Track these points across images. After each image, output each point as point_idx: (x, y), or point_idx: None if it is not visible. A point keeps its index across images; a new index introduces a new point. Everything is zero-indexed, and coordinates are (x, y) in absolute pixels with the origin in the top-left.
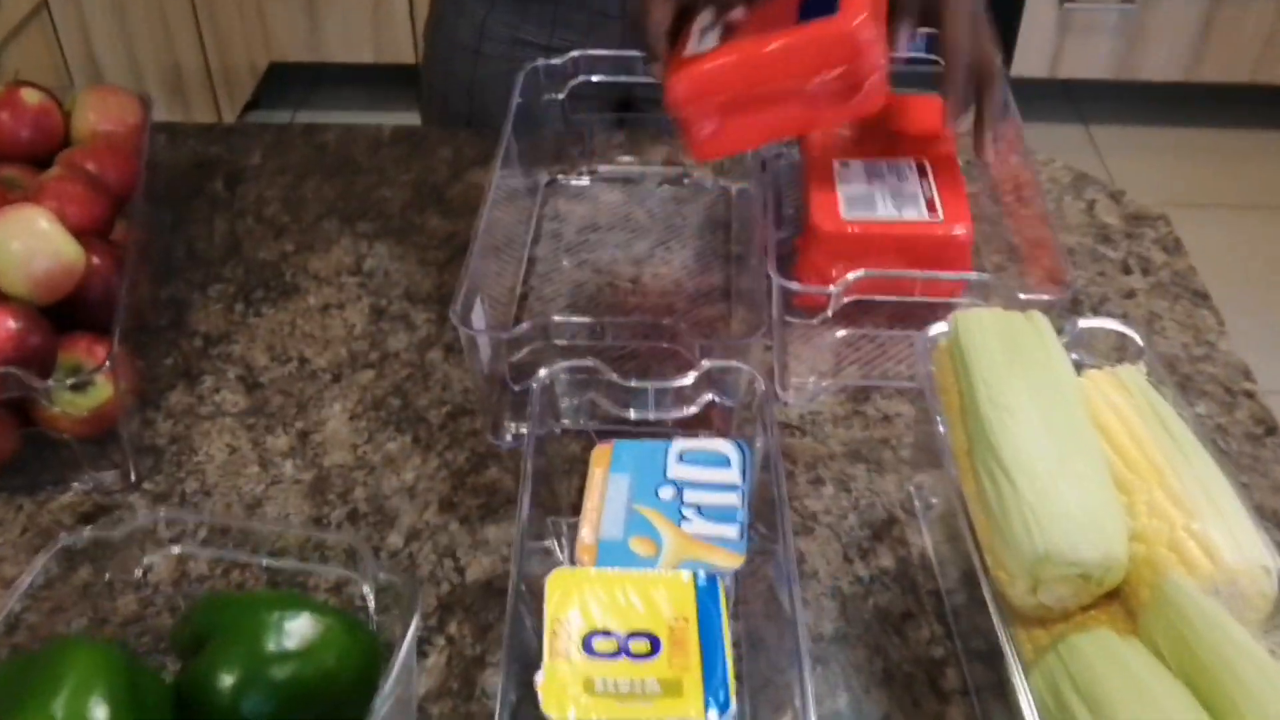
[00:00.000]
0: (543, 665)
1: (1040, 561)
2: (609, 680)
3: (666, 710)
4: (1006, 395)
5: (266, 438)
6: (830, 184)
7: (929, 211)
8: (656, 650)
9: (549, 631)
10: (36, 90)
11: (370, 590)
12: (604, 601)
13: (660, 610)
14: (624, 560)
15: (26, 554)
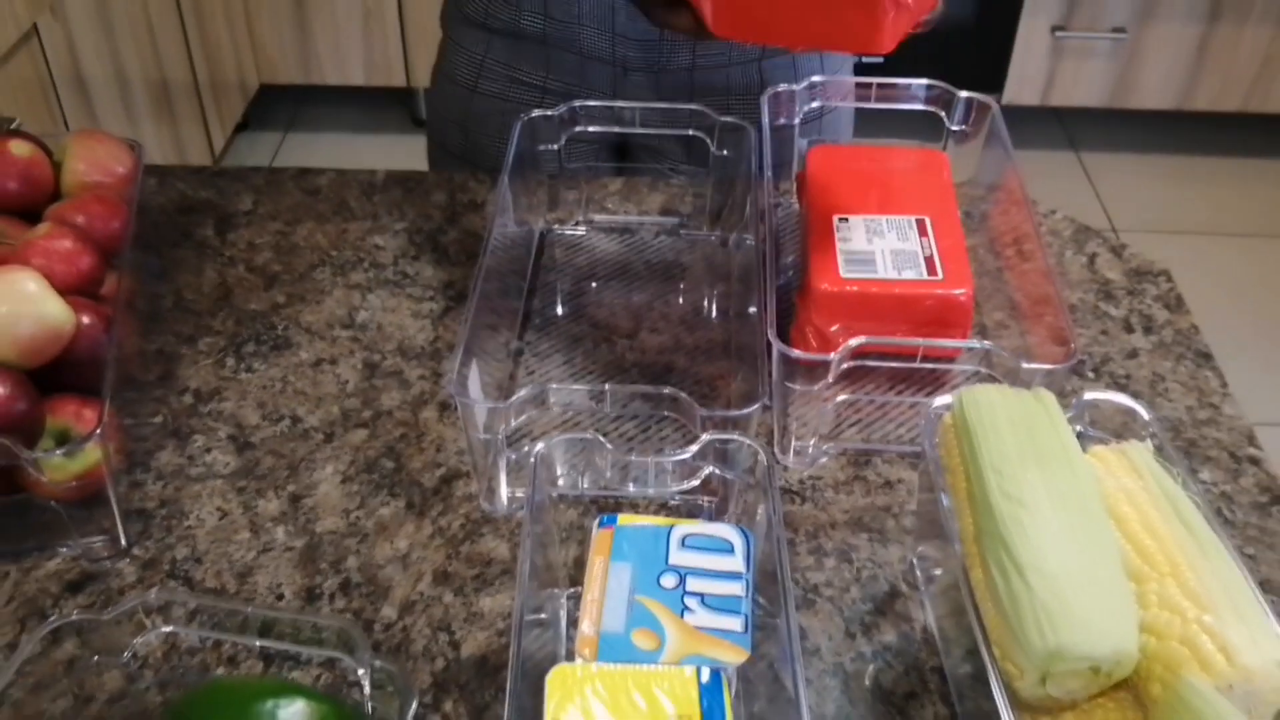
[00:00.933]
0: None
1: (1051, 657)
2: None
3: None
4: (1019, 486)
5: (258, 501)
6: (830, 241)
7: (929, 272)
8: None
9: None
10: (26, 142)
11: (366, 675)
12: (606, 700)
13: (663, 709)
14: (626, 654)
15: (11, 624)
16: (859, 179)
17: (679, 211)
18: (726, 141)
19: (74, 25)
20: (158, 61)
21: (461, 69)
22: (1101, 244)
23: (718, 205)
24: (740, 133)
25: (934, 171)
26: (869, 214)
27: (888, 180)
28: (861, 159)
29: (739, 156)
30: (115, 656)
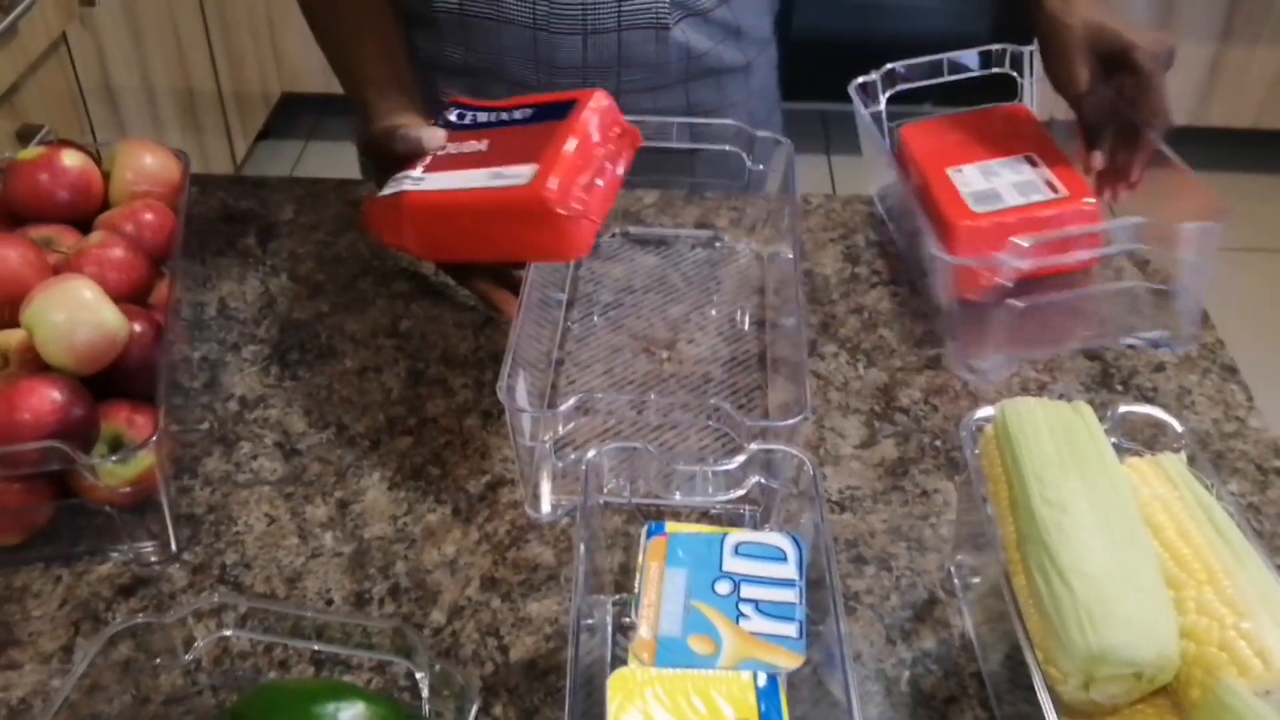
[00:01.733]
0: None
1: (1095, 661)
2: None
3: None
4: (1060, 493)
5: (305, 507)
6: (951, 190)
7: (1052, 191)
8: None
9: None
10: (77, 152)
11: (425, 677)
12: (666, 703)
13: (721, 712)
14: (683, 658)
15: (65, 627)
16: (955, 140)
17: (714, 224)
18: (762, 156)
19: (103, 35)
20: (184, 71)
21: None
22: (1125, 259)
23: (753, 218)
24: (777, 147)
25: (1021, 120)
26: (978, 161)
27: (982, 135)
28: (950, 125)
29: (773, 171)
30: (171, 659)
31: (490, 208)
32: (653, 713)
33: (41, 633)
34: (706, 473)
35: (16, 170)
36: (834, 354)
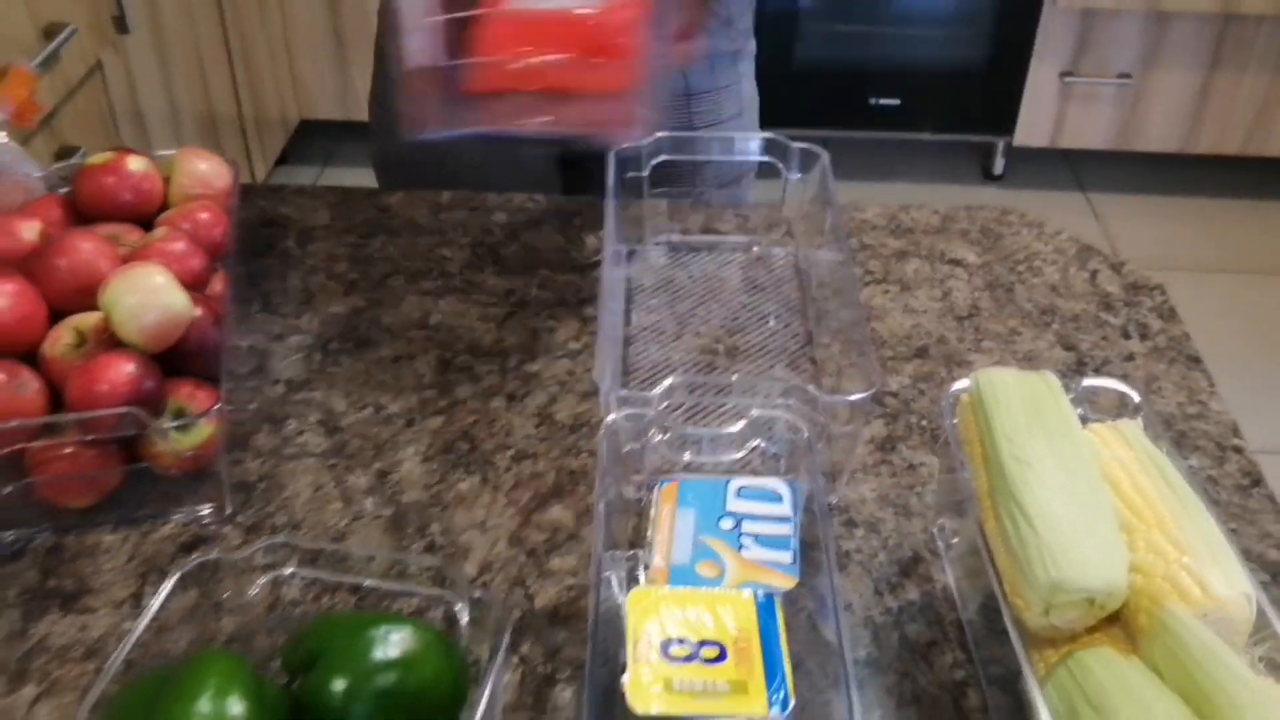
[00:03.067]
0: (628, 668)
1: (1053, 588)
2: (684, 680)
3: (735, 706)
4: (1026, 450)
5: (348, 477)
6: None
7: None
8: (724, 657)
9: (630, 641)
10: (140, 158)
11: (464, 609)
12: (677, 616)
13: (726, 624)
14: (692, 582)
15: (133, 579)
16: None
17: (754, 230)
18: (800, 165)
19: (134, 60)
20: (207, 96)
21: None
22: (1102, 261)
23: (792, 225)
24: (814, 158)
25: None
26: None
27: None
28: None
29: (812, 180)
30: (238, 596)
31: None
32: (667, 623)
33: (113, 583)
34: (716, 435)
35: (86, 174)
36: (826, 345)
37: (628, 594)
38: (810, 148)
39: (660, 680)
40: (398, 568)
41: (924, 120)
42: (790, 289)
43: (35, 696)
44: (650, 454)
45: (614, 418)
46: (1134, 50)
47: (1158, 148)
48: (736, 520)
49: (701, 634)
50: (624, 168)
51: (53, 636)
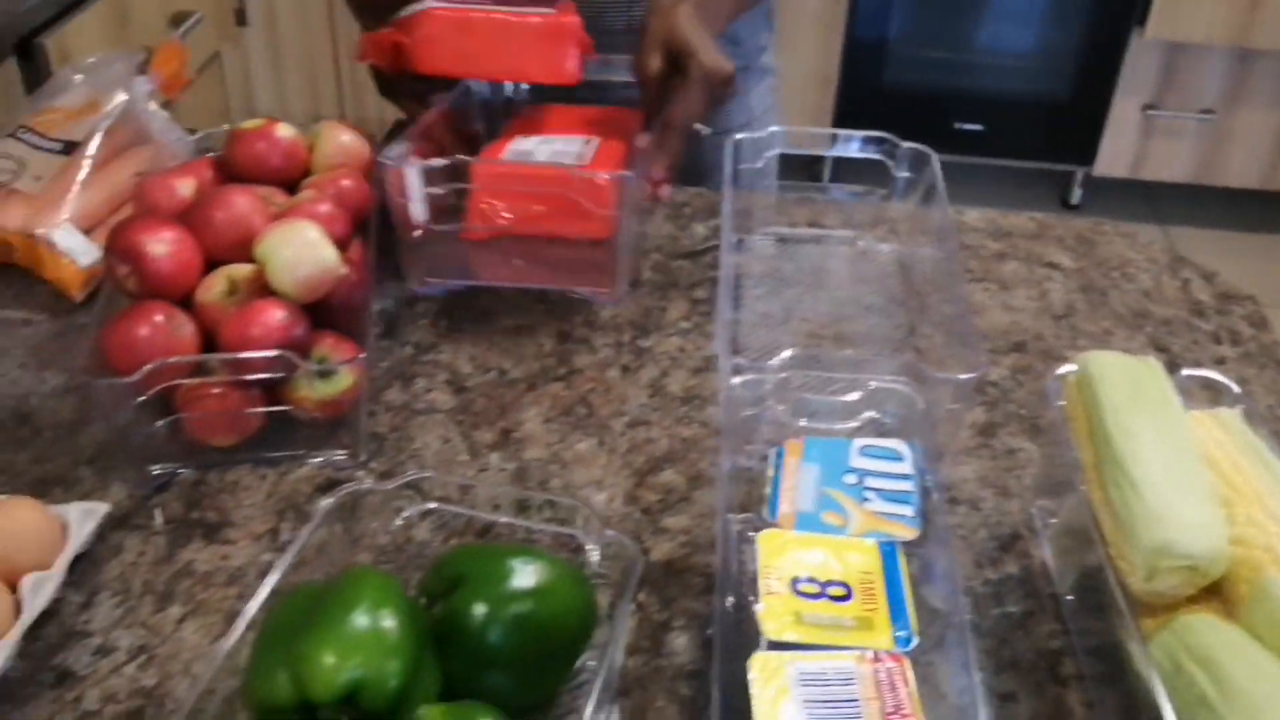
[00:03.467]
0: (761, 598)
1: (1157, 552)
2: (814, 614)
3: (861, 640)
4: (1131, 423)
5: (474, 433)
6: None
7: (577, 162)
8: (850, 597)
9: (763, 574)
10: (288, 126)
11: (594, 548)
12: (804, 558)
13: (851, 567)
14: (817, 529)
15: (271, 515)
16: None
17: (858, 226)
18: (908, 164)
19: (250, 57)
20: (314, 94)
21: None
22: (1194, 271)
23: (896, 223)
24: (925, 158)
25: (626, 118)
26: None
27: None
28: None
29: (920, 179)
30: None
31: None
32: (795, 563)
33: (252, 518)
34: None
35: (238, 138)
36: (929, 335)
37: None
38: (920, 148)
39: (790, 612)
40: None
41: (1005, 146)
42: (893, 282)
43: (181, 616)
44: (765, 422)
45: (736, 382)
46: (1219, 86)
47: (1239, 183)
48: (859, 476)
49: (828, 575)
50: (739, 159)
51: (197, 563)
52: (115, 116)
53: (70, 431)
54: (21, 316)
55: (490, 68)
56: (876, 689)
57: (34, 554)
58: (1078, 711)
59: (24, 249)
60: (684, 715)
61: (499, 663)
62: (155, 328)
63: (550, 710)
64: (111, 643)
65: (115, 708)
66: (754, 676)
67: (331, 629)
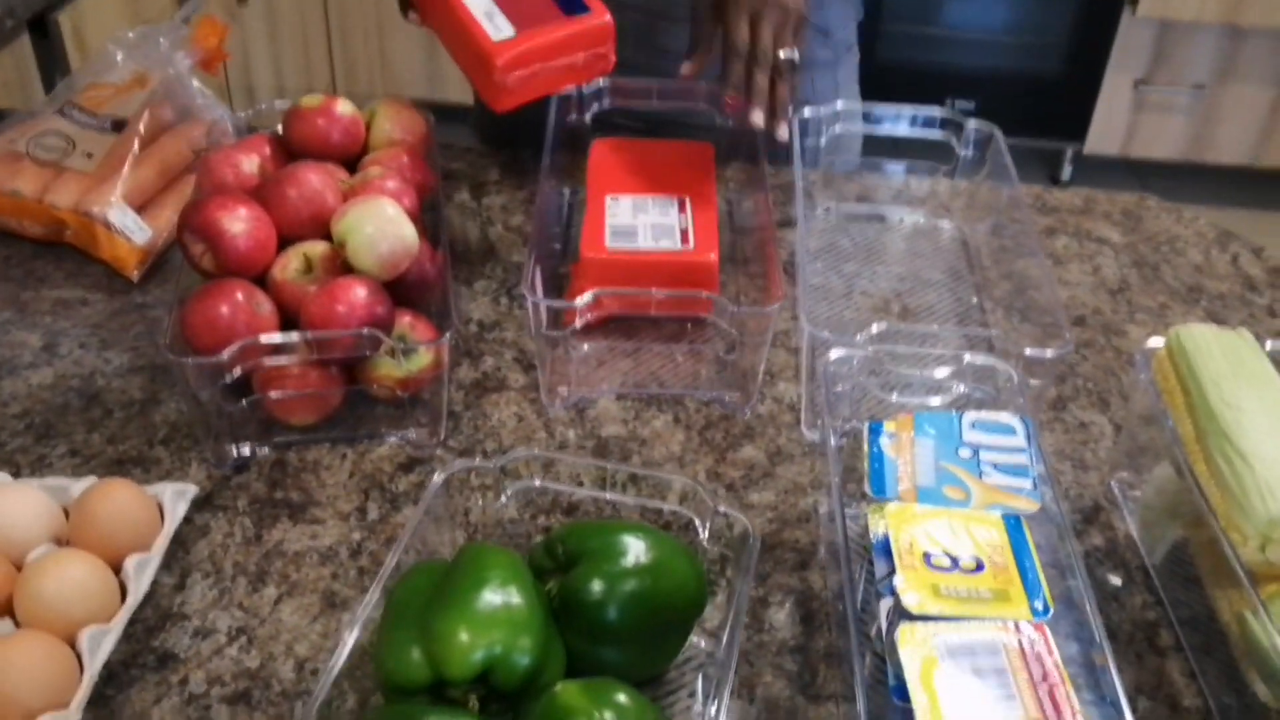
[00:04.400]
0: (898, 571)
1: (1272, 522)
2: (950, 587)
3: (1000, 611)
4: (1236, 396)
5: (548, 411)
6: (599, 218)
7: (684, 243)
8: (981, 569)
9: (897, 549)
10: (347, 103)
11: (704, 523)
12: (932, 531)
13: (979, 540)
14: (939, 503)
15: (356, 493)
16: (631, 166)
17: (921, 201)
18: (972, 142)
19: (249, 35)
20: (309, 72)
21: None
22: (1242, 245)
23: (954, 198)
24: (988, 135)
25: (697, 158)
26: (638, 194)
27: (657, 167)
28: (636, 149)
29: (984, 156)
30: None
31: (465, 30)
32: (925, 534)
33: (338, 496)
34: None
35: (298, 115)
36: (991, 309)
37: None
38: (985, 125)
39: (926, 585)
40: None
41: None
42: (954, 258)
43: (277, 597)
44: (851, 396)
45: (834, 356)
46: (1209, 62)
47: (1228, 160)
48: (974, 450)
49: (958, 548)
50: (804, 135)
51: (286, 543)
52: (159, 93)
53: (141, 411)
54: (78, 296)
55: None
56: (1023, 659)
57: (134, 536)
58: (1179, 681)
59: (78, 227)
60: (792, 688)
61: (616, 638)
62: (236, 306)
63: (662, 684)
64: (210, 624)
65: (221, 690)
66: (902, 650)
67: (464, 607)
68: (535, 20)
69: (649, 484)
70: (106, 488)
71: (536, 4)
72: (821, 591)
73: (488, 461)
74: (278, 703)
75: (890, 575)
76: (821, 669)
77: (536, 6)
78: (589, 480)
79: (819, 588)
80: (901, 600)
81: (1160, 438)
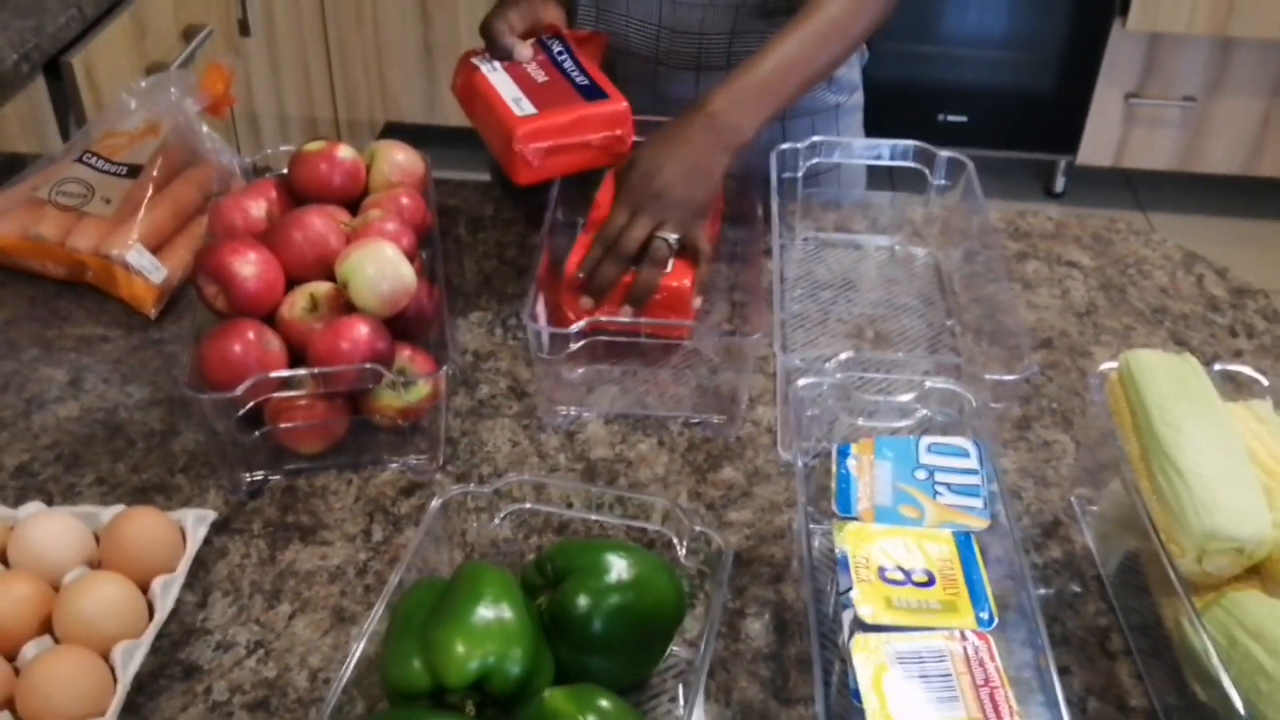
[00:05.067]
0: (854, 587)
1: (1208, 538)
2: (902, 599)
3: (948, 621)
4: (1176, 418)
5: (540, 435)
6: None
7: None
8: (932, 583)
9: (854, 564)
10: (348, 148)
11: (682, 541)
12: (887, 548)
13: (931, 555)
14: (895, 521)
15: (361, 516)
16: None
17: (890, 230)
18: (946, 172)
19: (251, 65)
20: (310, 100)
21: None
22: (1207, 267)
23: (928, 227)
24: (960, 165)
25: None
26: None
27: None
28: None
29: (956, 184)
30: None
31: (492, 109)
32: (881, 553)
33: (344, 520)
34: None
35: (302, 160)
36: (962, 333)
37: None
38: (957, 155)
39: (881, 598)
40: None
41: (989, 137)
42: (927, 284)
43: (291, 613)
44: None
45: (801, 384)
46: (1199, 74)
47: (1220, 170)
48: (929, 472)
49: (911, 563)
50: (781, 168)
51: (298, 563)
52: (170, 139)
53: (162, 441)
54: (99, 333)
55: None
56: (967, 664)
57: (159, 558)
58: (1127, 683)
59: (98, 269)
60: (765, 693)
61: (601, 649)
62: (248, 344)
63: (645, 690)
64: (230, 639)
65: (243, 698)
66: (856, 656)
67: (460, 621)
68: (557, 103)
69: (633, 505)
70: (134, 514)
71: (560, 92)
72: (795, 603)
73: (483, 486)
74: (294, 709)
75: (850, 590)
76: (793, 674)
77: (560, 94)
78: (578, 502)
79: (792, 599)
80: (857, 612)
81: (1114, 456)
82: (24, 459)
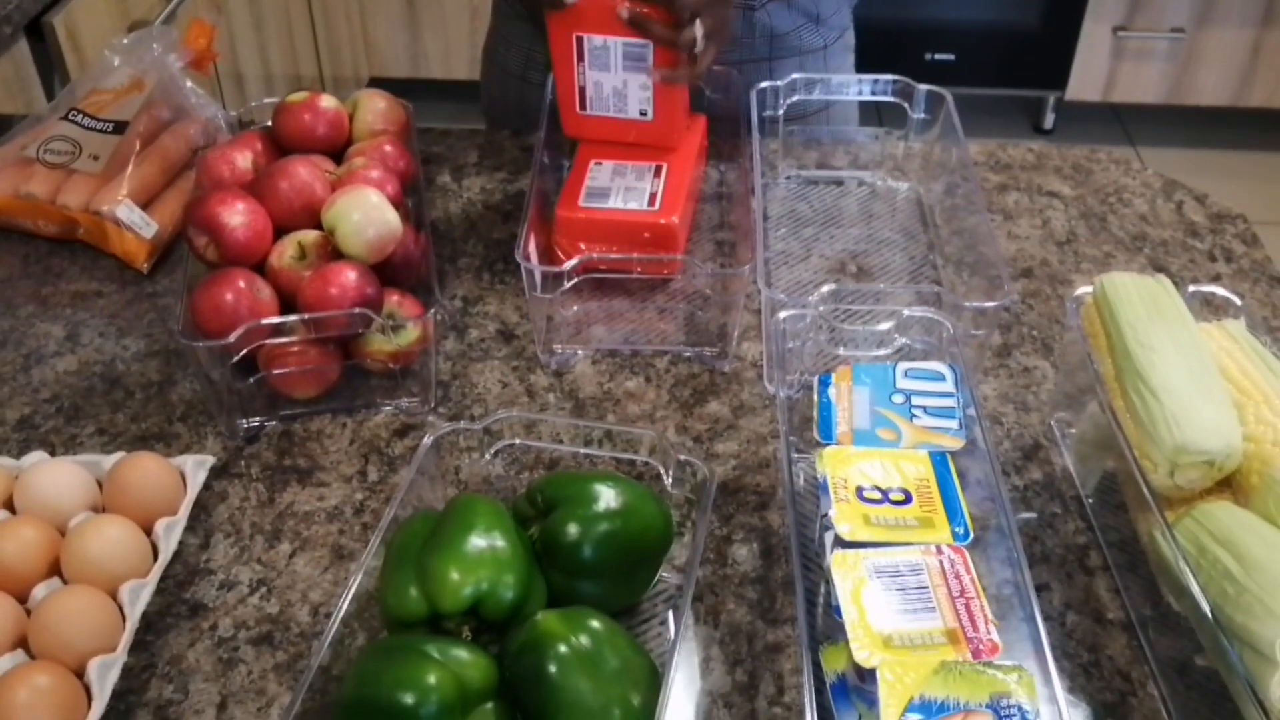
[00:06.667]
0: (832, 505)
1: (1179, 451)
2: (879, 517)
3: (924, 537)
4: (1148, 336)
5: (529, 376)
6: (580, 180)
7: (650, 205)
8: (909, 501)
9: (833, 485)
10: (330, 97)
11: (669, 471)
12: (865, 469)
13: (908, 475)
14: (873, 444)
15: (357, 458)
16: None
17: (871, 166)
18: (925, 106)
19: (234, 23)
20: (294, 57)
21: (511, 60)
22: (1187, 194)
23: (908, 161)
24: (939, 99)
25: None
26: (620, 160)
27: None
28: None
29: (936, 119)
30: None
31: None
32: (859, 473)
33: (340, 461)
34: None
35: (285, 110)
36: (944, 265)
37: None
38: (935, 89)
39: (859, 516)
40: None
41: (977, 75)
42: (908, 218)
43: (291, 552)
44: (808, 351)
45: (782, 316)
46: (1188, 4)
47: (1209, 102)
48: (906, 396)
49: (889, 483)
50: (762, 107)
51: (297, 504)
52: (155, 95)
53: (160, 391)
54: (94, 289)
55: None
56: (943, 577)
57: (161, 502)
58: (1105, 597)
59: (89, 225)
60: (753, 614)
61: (592, 574)
62: (239, 293)
63: (636, 615)
64: (233, 578)
65: (247, 633)
66: (836, 571)
67: (454, 549)
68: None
69: (621, 439)
70: (135, 460)
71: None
72: (780, 529)
73: (473, 424)
74: (296, 642)
75: (830, 511)
76: (779, 596)
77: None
78: (567, 437)
79: (778, 525)
80: (835, 529)
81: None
82: (25, 412)
